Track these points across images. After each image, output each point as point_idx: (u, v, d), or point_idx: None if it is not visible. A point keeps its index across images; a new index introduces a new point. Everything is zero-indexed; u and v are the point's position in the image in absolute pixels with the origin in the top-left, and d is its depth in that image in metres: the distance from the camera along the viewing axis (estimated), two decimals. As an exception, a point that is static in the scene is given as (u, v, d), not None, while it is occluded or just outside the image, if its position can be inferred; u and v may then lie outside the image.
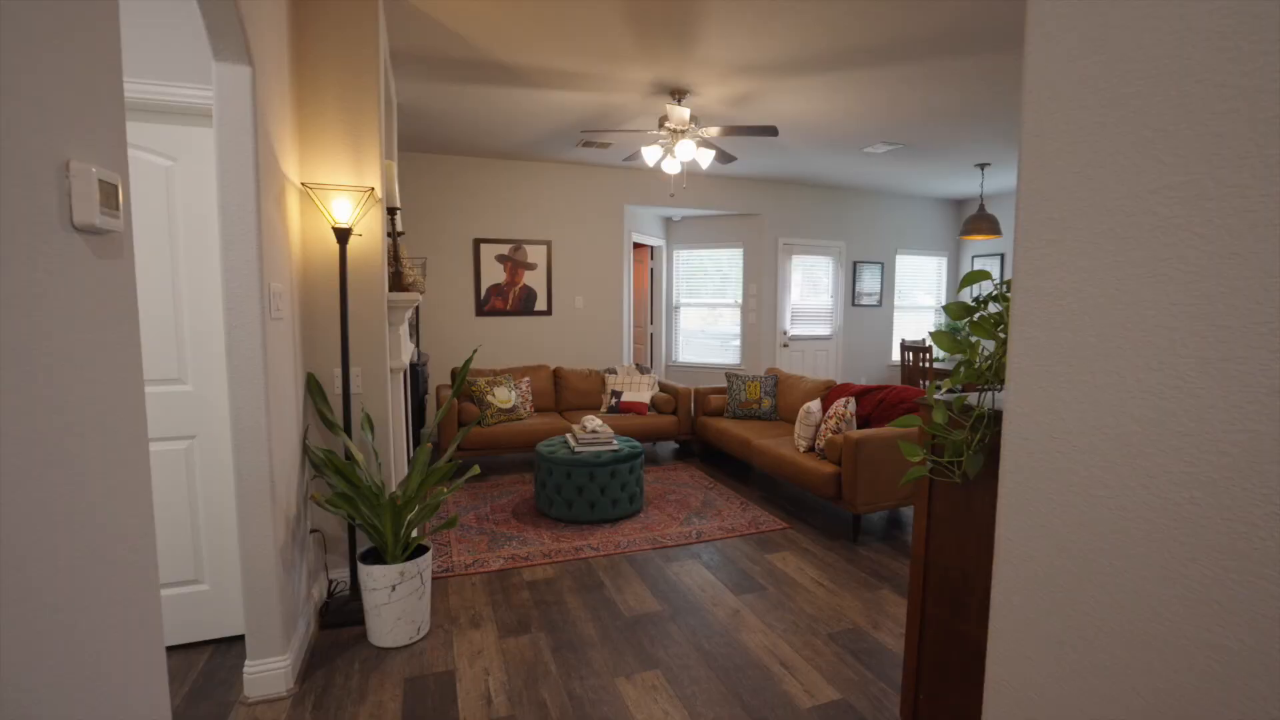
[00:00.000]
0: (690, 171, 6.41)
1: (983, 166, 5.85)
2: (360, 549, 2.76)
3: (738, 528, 3.74)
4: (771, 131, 3.84)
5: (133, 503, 1.01)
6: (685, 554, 3.36)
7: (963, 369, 1.41)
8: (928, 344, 7.23)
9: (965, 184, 6.78)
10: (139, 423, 1.03)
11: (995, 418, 1.35)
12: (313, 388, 2.56)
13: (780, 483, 4.70)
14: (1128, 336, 0.86)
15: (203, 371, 2.25)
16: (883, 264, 7.63)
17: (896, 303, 7.85)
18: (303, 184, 2.46)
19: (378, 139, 2.56)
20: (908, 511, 4.08)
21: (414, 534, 2.51)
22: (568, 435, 4.19)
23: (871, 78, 3.72)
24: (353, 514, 2.37)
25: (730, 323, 7.29)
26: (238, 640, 2.39)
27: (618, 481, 3.82)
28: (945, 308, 1.38)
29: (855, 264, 7.49)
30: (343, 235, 2.46)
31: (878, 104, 4.19)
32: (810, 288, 7.36)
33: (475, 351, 3.05)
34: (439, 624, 2.60)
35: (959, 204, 7.96)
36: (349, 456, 2.54)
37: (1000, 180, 6.50)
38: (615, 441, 4.01)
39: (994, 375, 1.37)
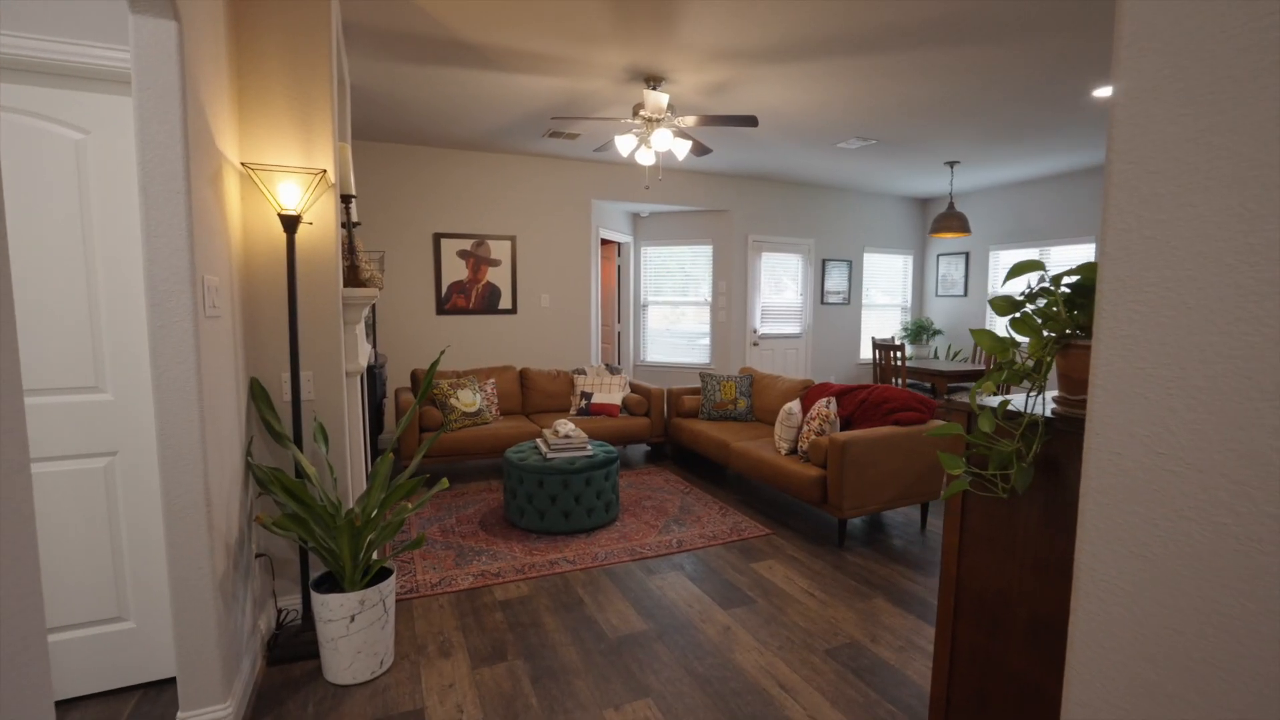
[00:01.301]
0: (661, 164, 6.24)
1: (952, 164, 5.86)
2: (314, 573, 2.49)
3: (719, 535, 3.58)
4: (751, 121, 3.69)
5: (9, 545, 0.76)
6: (667, 565, 3.19)
7: (1005, 370, 1.26)
8: (898, 342, 7.24)
9: (934, 182, 6.81)
10: (17, 446, 0.79)
11: (1048, 425, 1.20)
12: (257, 394, 2.28)
13: (757, 485, 4.57)
14: (1267, 334, 0.72)
15: (125, 378, 1.95)
16: (850, 262, 7.62)
17: (864, 301, 7.85)
18: (243, 164, 2.18)
19: (330, 114, 2.29)
20: (891, 515, 3.99)
21: (374, 555, 2.26)
22: (538, 440, 3.96)
23: (853, 68, 3.61)
24: (305, 536, 2.10)
25: (695, 321, 7.16)
26: (170, 683, 2.10)
27: (593, 489, 3.61)
28: (991, 302, 1.23)
29: (824, 261, 7.45)
30: (290, 223, 2.18)
31: (857, 96, 4.10)
32: (779, 286, 7.29)
33: (443, 353, 2.80)
34: (404, 654, 2.35)
35: (925, 202, 8.02)
36: (300, 472, 2.27)
37: (969, 178, 6.54)
38: (589, 446, 3.81)
39: (1042, 376, 1.23)
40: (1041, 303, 1.25)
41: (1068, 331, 1.20)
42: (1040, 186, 6.54)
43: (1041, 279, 1.23)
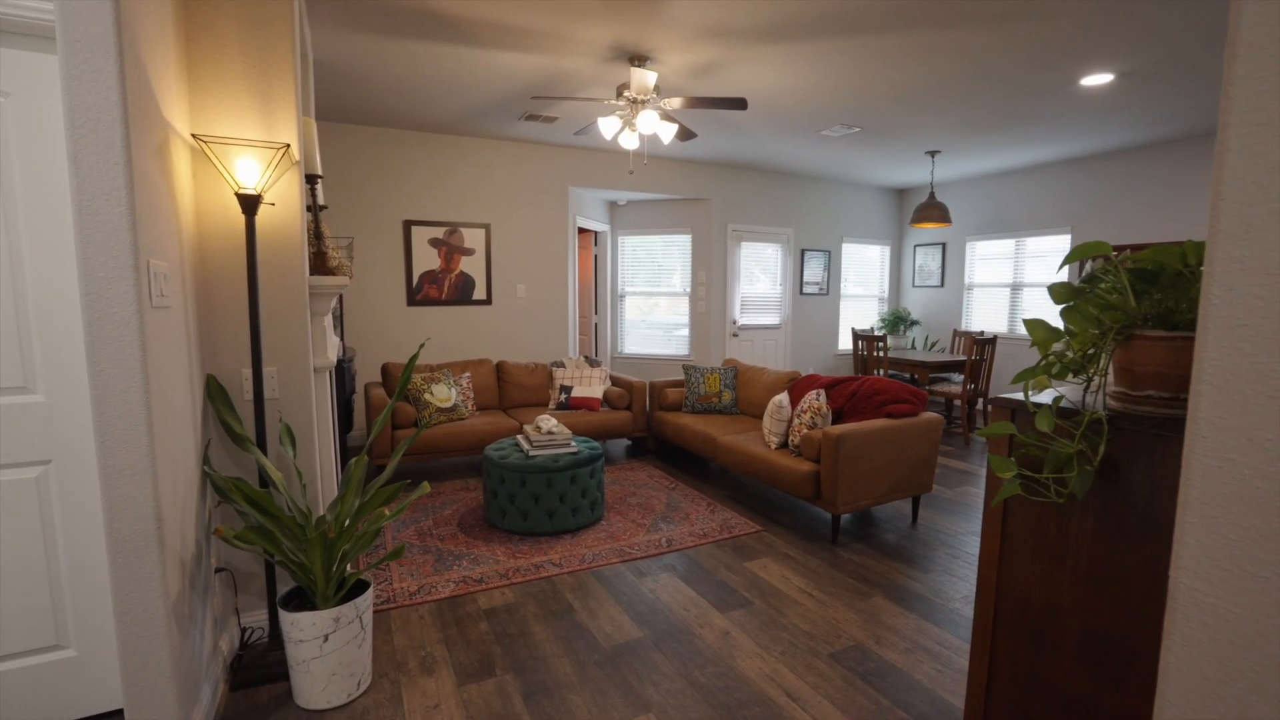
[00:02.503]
0: (645, 149, 6.06)
1: (933, 154, 5.82)
2: (282, 588, 2.29)
3: (709, 533, 3.47)
4: (740, 104, 3.55)
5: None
6: (657, 566, 3.06)
7: (1056, 363, 1.15)
8: (879, 333, 7.23)
9: (913, 172, 6.78)
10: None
11: (1111, 423, 1.10)
12: (214, 394, 2.07)
13: (744, 480, 4.48)
14: None
15: (60, 376, 1.73)
16: (829, 252, 7.57)
17: (842, 291, 7.82)
18: (194, 136, 1.95)
19: (293, 83, 2.08)
20: (881, 509, 3.93)
21: (349, 568, 2.07)
22: (519, 437, 3.79)
23: (843, 49, 3.49)
24: (271, 550, 1.91)
25: (670, 312, 7.02)
26: (119, 715, 1.89)
27: (578, 487, 3.46)
28: (1050, 289, 1.12)
29: (803, 251, 7.38)
30: (250, 203, 1.97)
31: (845, 79, 3.99)
32: (759, 276, 7.20)
33: (422, 346, 2.61)
34: (383, 672, 2.18)
35: (902, 193, 8.01)
36: (264, 479, 2.07)
37: (948, 169, 6.52)
38: (573, 443, 3.65)
39: (1102, 370, 1.12)
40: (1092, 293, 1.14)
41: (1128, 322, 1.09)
42: (1018, 177, 6.56)
43: (1105, 262, 1.12)
